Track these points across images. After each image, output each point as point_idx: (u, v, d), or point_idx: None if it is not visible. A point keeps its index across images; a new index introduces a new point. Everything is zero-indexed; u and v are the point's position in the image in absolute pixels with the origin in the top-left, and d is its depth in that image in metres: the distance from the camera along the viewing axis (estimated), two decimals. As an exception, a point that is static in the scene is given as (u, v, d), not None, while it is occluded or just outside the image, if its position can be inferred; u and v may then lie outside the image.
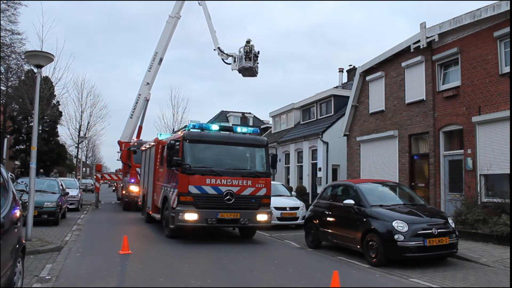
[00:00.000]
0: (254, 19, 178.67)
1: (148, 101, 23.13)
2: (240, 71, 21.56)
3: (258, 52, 21.31)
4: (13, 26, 24.47)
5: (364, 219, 8.79)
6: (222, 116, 39.05)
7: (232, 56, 21.74)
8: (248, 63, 20.87)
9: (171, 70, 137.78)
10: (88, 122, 38.15)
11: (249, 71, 21.36)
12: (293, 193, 17.24)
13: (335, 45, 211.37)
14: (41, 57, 9.77)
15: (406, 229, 8.08)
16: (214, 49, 22.14)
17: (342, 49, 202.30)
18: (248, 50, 20.97)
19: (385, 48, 46.98)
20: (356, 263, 8.67)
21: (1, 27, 23.38)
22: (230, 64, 21.90)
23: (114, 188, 32.67)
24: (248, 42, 21.22)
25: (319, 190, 18.52)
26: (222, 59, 22.10)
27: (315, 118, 24.82)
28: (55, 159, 38.39)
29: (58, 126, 38.69)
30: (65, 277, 6.77)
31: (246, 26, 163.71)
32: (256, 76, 21.87)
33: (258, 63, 21.47)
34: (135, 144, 21.58)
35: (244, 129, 12.04)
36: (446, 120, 13.80)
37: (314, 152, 22.57)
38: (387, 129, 16.52)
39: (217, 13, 23.43)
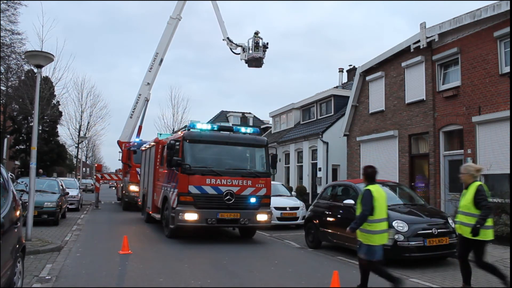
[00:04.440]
0: (253, 19, 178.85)
1: (148, 101, 23.15)
2: (247, 61, 21.79)
3: (267, 43, 21.63)
4: (13, 26, 24.46)
5: (364, 219, 8.78)
6: (222, 116, 39.03)
7: (241, 46, 21.93)
8: (257, 53, 21.31)
9: (170, 70, 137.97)
10: (88, 122, 38.20)
11: (256, 62, 21.70)
12: (293, 193, 17.25)
13: (334, 45, 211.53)
14: (41, 57, 9.77)
15: (406, 229, 8.09)
16: (223, 39, 22.35)
17: (341, 48, 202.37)
18: (257, 41, 21.24)
19: (383, 48, 47.12)
20: (356, 263, 8.64)
21: (1, 27, 23.36)
22: (238, 54, 22.18)
23: (114, 187, 32.71)
24: (256, 33, 21.50)
25: (319, 190, 18.51)
26: (231, 49, 22.32)
27: (315, 118, 24.82)
28: (55, 159, 38.39)
29: (58, 126, 38.73)
30: (65, 277, 6.77)
31: (245, 26, 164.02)
32: (261, 67, 22.09)
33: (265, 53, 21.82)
34: (135, 144, 21.58)
35: (246, 129, 12.04)
36: (446, 120, 13.80)
37: (314, 152, 22.56)
38: (387, 129, 16.52)
39: (214, 14, 23.54)
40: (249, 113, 39.59)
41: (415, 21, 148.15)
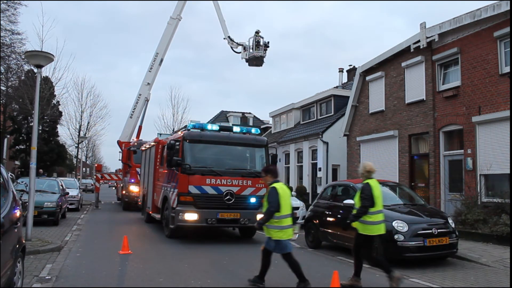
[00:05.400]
0: (252, 19, 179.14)
1: (148, 101, 23.15)
2: (248, 60, 21.81)
3: (268, 42, 21.67)
4: (13, 26, 24.40)
5: (364, 219, 8.78)
6: (222, 116, 39.04)
7: (242, 45, 21.95)
8: (258, 52, 21.30)
9: (169, 70, 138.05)
10: (88, 122, 38.20)
11: (257, 61, 21.71)
12: (293, 193, 17.23)
13: (333, 44, 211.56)
14: (41, 57, 9.77)
15: (406, 229, 8.09)
16: (224, 38, 22.36)
17: (340, 48, 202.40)
18: (258, 40, 21.27)
19: (383, 48, 47.10)
20: (356, 263, 8.65)
21: (1, 27, 23.32)
22: (239, 53, 22.18)
23: (114, 187, 32.81)
24: (257, 32, 21.52)
25: (319, 190, 18.51)
26: (232, 48, 22.32)
27: (315, 118, 24.82)
28: (55, 159, 38.36)
29: (58, 126, 38.68)
30: (65, 277, 6.77)
31: (244, 26, 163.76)
32: (261, 66, 22.11)
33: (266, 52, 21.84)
34: (135, 144, 21.59)
35: (246, 129, 12.03)
36: (446, 120, 13.79)
37: (314, 152, 22.56)
38: (387, 129, 16.52)
39: (214, 14, 23.66)
40: (249, 113, 39.59)
41: (415, 21, 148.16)
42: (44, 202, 13.18)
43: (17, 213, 5.50)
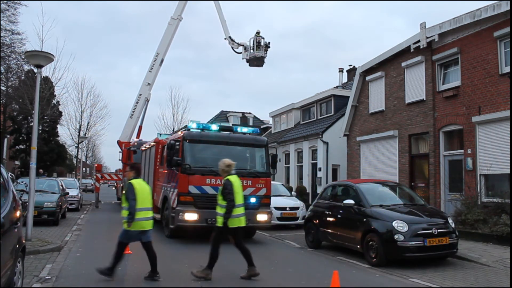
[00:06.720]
0: (252, 19, 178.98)
1: (148, 101, 23.15)
2: (248, 60, 21.82)
3: (269, 42, 21.67)
4: (13, 26, 24.40)
5: (364, 219, 8.80)
6: (222, 116, 39.04)
7: (242, 45, 21.97)
8: (259, 52, 21.28)
9: (169, 69, 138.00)
10: (88, 122, 38.24)
11: (257, 61, 21.69)
12: (293, 193, 17.25)
13: (333, 44, 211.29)
14: (41, 57, 9.77)
15: (406, 229, 8.09)
16: (225, 38, 22.34)
17: (341, 48, 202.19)
18: (259, 41, 21.29)
19: (383, 48, 47.13)
20: (356, 263, 8.67)
21: (1, 27, 23.33)
22: (240, 53, 22.15)
23: (114, 187, 32.84)
24: (258, 33, 21.52)
25: (319, 190, 18.51)
26: (232, 48, 22.30)
27: (315, 118, 24.82)
28: (55, 159, 38.38)
29: (58, 126, 38.70)
30: (65, 277, 6.77)
31: (244, 26, 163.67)
32: (262, 66, 22.10)
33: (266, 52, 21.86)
34: (135, 144, 21.58)
35: (245, 129, 12.04)
36: (446, 120, 13.80)
37: (314, 152, 22.57)
38: (387, 129, 16.53)
39: (214, 14, 23.69)
40: (249, 113, 39.59)
41: (415, 21, 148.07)
42: (44, 202, 13.18)
43: (17, 213, 5.50)
